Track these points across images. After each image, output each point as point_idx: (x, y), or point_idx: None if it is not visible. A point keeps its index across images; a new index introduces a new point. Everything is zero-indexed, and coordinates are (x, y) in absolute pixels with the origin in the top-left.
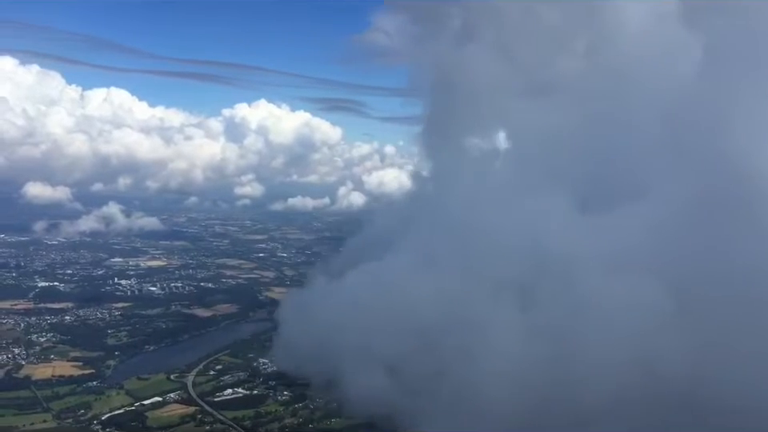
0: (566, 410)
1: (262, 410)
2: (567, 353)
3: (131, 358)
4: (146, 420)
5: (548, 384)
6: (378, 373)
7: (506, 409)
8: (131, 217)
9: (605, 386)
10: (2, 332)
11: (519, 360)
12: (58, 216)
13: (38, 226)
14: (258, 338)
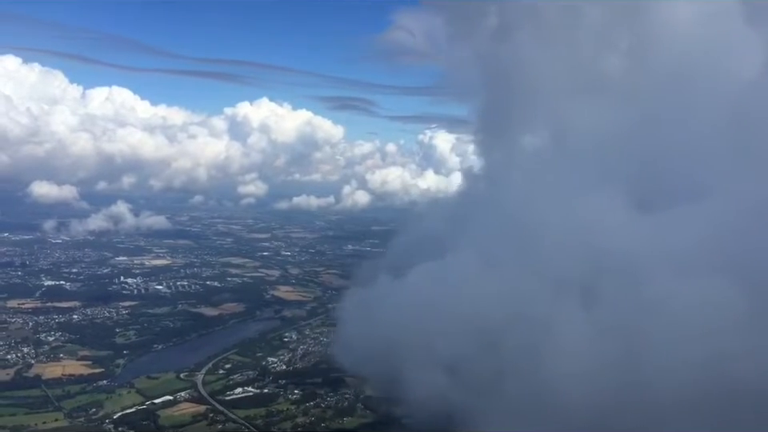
0: (636, 411)
1: (274, 409)
2: (636, 352)
3: (140, 356)
4: (157, 419)
5: (617, 384)
6: (440, 372)
7: (572, 409)
8: (140, 216)
9: (676, 386)
10: (11, 331)
11: (586, 360)
12: (64, 215)
13: (47, 225)
14: (266, 336)
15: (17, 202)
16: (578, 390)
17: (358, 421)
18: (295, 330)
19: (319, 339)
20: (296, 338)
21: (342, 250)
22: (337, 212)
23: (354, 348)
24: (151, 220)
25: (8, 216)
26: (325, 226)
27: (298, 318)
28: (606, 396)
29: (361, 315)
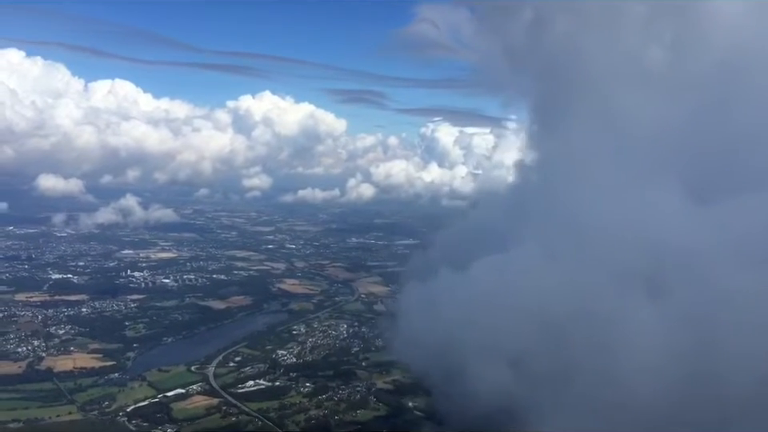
0: (708, 405)
1: (286, 402)
2: (707, 345)
3: (150, 349)
4: (171, 412)
5: (688, 378)
6: (503, 367)
7: (641, 405)
8: (148, 209)
9: (749, 379)
10: (21, 324)
11: (655, 353)
12: (70, 208)
13: (56, 218)
14: (275, 329)
15: (22, 195)
16: (648, 385)
17: (371, 413)
18: (303, 323)
19: (328, 332)
20: (305, 331)
21: (346, 243)
22: (340, 205)
23: (414, 342)
24: (159, 213)
25: (13, 209)
26: (328, 218)
27: (305, 311)
28: (677, 390)
29: (421, 309)
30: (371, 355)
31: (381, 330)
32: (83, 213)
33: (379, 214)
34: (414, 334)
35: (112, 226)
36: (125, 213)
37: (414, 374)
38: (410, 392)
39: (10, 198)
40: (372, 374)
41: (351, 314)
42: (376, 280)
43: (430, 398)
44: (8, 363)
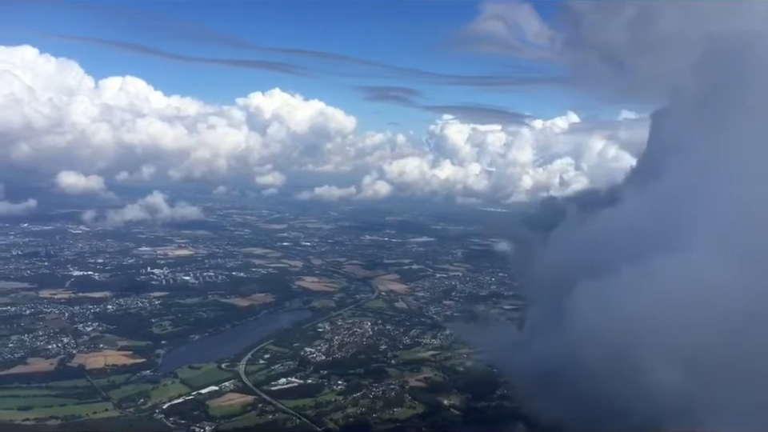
0: None
1: (321, 399)
2: None
3: (178, 347)
4: (207, 409)
5: None
6: (676, 367)
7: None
8: (175, 206)
9: None
10: (48, 321)
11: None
12: (92, 206)
13: (86, 215)
14: (300, 327)
15: (40, 192)
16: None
17: (408, 412)
18: (327, 321)
19: (353, 330)
20: (330, 329)
21: (360, 241)
22: (352, 202)
23: (586, 341)
24: (186, 211)
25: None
26: (339, 216)
27: (327, 309)
28: None
29: (594, 310)
30: (400, 353)
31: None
32: (105, 210)
33: (390, 211)
34: (584, 333)
35: (137, 223)
36: (152, 210)
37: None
38: (444, 390)
39: (29, 195)
40: (403, 371)
41: (374, 311)
42: (394, 278)
43: (465, 396)
44: (40, 360)
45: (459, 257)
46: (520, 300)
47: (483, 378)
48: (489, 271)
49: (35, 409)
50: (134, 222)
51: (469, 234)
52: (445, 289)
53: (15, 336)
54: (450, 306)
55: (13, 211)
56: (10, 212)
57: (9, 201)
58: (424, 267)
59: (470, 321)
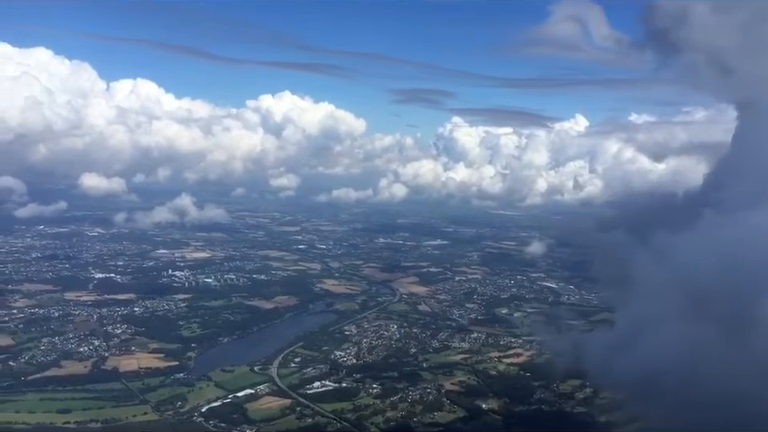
0: None
1: (359, 403)
2: None
3: (208, 349)
4: (246, 412)
5: None
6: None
7: None
8: (203, 209)
9: None
10: (77, 324)
11: None
12: (112, 208)
13: (118, 217)
14: (326, 330)
15: (60, 194)
16: None
17: (448, 416)
18: (353, 324)
19: (380, 333)
20: (356, 332)
21: (375, 243)
22: (365, 205)
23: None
24: (213, 213)
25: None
26: (351, 218)
27: (351, 312)
28: None
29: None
30: (430, 356)
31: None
32: (134, 212)
33: (400, 214)
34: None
35: (166, 226)
36: (180, 212)
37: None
38: (481, 394)
39: (49, 197)
40: (437, 375)
41: (398, 314)
42: (414, 280)
43: (502, 400)
44: (73, 363)
45: (476, 260)
46: (542, 303)
47: (517, 382)
48: (507, 274)
49: (74, 412)
50: (163, 224)
51: (482, 237)
52: (466, 291)
53: (46, 338)
54: (473, 308)
55: (43, 213)
56: (40, 214)
57: (32, 203)
58: (442, 270)
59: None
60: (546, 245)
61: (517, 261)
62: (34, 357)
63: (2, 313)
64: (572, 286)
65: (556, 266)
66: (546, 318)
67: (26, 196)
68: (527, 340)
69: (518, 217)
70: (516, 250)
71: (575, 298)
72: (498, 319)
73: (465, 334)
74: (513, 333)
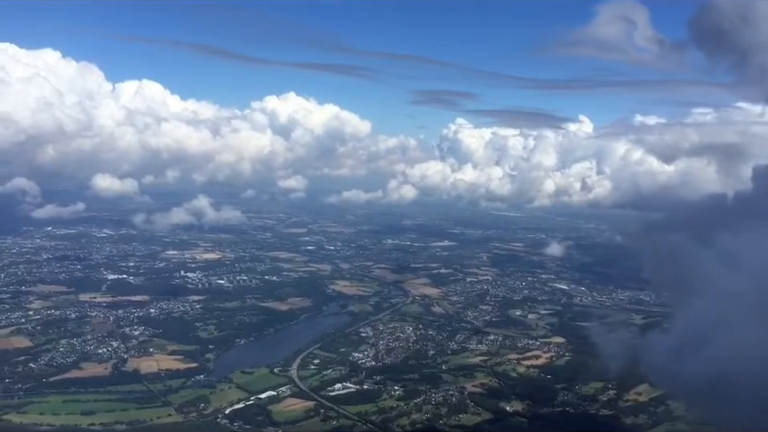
0: None
1: (383, 405)
2: None
3: (226, 351)
4: (270, 414)
5: None
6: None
7: None
8: (220, 211)
9: None
10: (94, 325)
11: None
12: (129, 209)
13: (137, 218)
14: (342, 331)
15: (72, 196)
16: None
17: (474, 418)
18: (368, 326)
19: (396, 334)
20: (372, 334)
21: (383, 245)
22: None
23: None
24: (229, 215)
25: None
26: (356, 220)
27: (365, 313)
28: None
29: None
30: (449, 358)
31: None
32: (143, 213)
33: (405, 215)
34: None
35: (184, 228)
36: (198, 214)
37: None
38: (504, 396)
39: (60, 198)
40: (457, 377)
41: (412, 316)
42: (425, 282)
43: (525, 403)
44: (93, 365)
45: (485, 261)
46: (555, 305)
47: (539, 384)
48: (518, 275)
49: (98, 413)
50: (182, 225)
51: (489, 239)
52: (478, 293)
53: (64, 340)
54: (487, 310)
55: (60, 215)
56: (57, 216)
57: (49, 204)
58: (453, 271)
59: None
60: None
61: (526, 262)
62: (53, 358)
63: (19, 314)
64: (583, 287)
65: (565, 268)
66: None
67: (40, 197)
68: (545, 342)
69: (522, 218)
70: (524, 251)
71: (588, 299)
72: (513, 321)
73: (481, 336)
74: (529, 335)
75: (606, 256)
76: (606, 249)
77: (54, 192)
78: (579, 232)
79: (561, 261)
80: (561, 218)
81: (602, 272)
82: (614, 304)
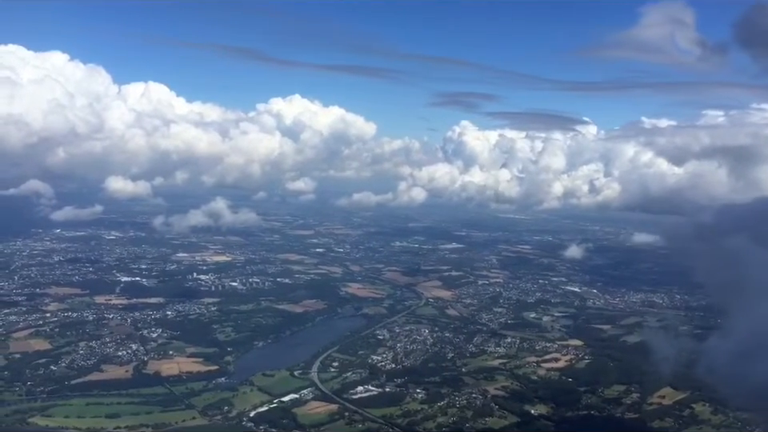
0: None
1: (408, 408)
2: None
3: (245, 353)
4: (295, 417)
5: None
6: None
7: None
8: (238, 213)
9: None
10: (112, 327)
11: None
12: (143, 212)
13: (156, 221)
14: (359, 334)
15: (84, 198)
16: None
17: (500, 422)
18: (384, 328)
19: (412, 337)
20: (389, 336)
21: (392, 247)
22: (371, 209)
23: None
24: (246, 217)
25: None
26: (362, 222)
27: (380, 316)
28: None
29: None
30: (468, 361)
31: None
32: (157, 216)
33: (411, 218)
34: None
35: (203, 229)
36: (215, 216)
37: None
38: (527, 399)
39: (72, 200)
40: (478, 380)
41: (427, 318)
42: (437, 284)
43: (550, 406)
44: (114, 367)
45: (495, 263)
46: (569, 308)
47: (562, 387)
48: (528, 278)
49: (123, 417)
50: (198, 227)
51: (496, 241)
52: (491, 296)
53: (83, 342)
54: (501, 313)
55: (78, 217)
56: (75, 218)
57: (67, 206)
58: (463, 274)
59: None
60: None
61: (535, 265)
62: (73, 361)
63: (36, 316)
64: (594, 290)
65: (575, 270)
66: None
67: (54, 199)
68: (562, 345)
69: (527, 221)
70: (532, 253)
71: (600, 302)
72: (528, 324)
73: (499, 339)
74: (545, 337)
75: (615, 258)
76: (616, 251)
77: (66, 194)
78: (585, 234)
79: (570, 263)
80: (566, 220)
81: (612, 274)
82: (627, 307)
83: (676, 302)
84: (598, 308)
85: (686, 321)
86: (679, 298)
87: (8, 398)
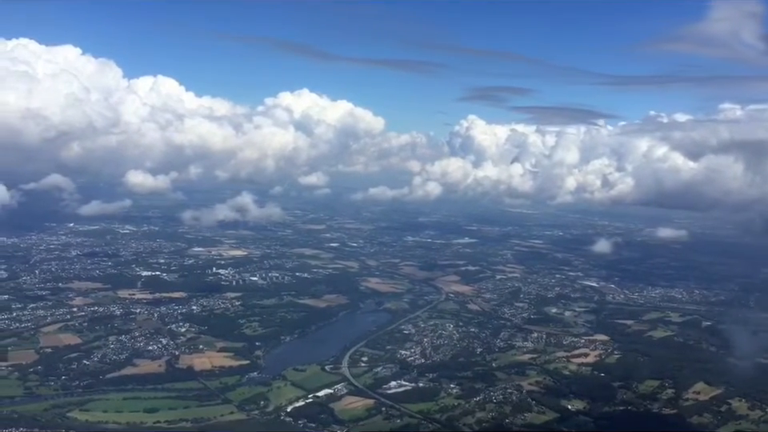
0: None
1: (444, 404)
2: None
3: (273, 348)
4: (333, 412)
5: None
6: None
7: None
8: (264, 207)
9: None
10: (140, 322)
11: None
12: (162, 206)
13: (185, 215)
14: (384, 329)
15: (103, 192)
16: None
17: (540, 417)
18: (408, 323)
19: (438, 332)
20: (415, 331)
21: (405, 242)
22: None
23: None
24: (270, 211)
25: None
26: (373, 217)
27: (403, 311)
28: None
29: None
30: (497, 356)
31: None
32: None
33: (420, 212)
34: None
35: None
36: (242, 210)
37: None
38: (562, 395)
39: (91, 195)
40: (510, 375)
41: (450, 313)
42: (455, 279)
43: (586, 401)
44: (147, 362)
45: (510, 258)
46: (589, 302)
47: (595, 382)
48: (545, 273)
49: (161, 411)
50: (226, 222)
51: (508, 236)
52: (510, 290)
53: (113, 337)
54: (523, 308)
55: (105, 211)
56: (102, 212)
57: (94, 201)
58: (480, 268)
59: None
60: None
61: (550, 259)
62: (105, 355)
63: (64, 311)
64: (612, 285)
65: (591, 265)
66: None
67: (76, 194)
68: (589, 340)
69: (536, 215)
70: (545, 248)
71: (620, 297)
72: (551, 318)
73: (525, 334)
74: (570, 332)
75: (631, 253)
76: (631, 247)
77: (85, 188)
78: (596, 229)
79: (585, 258)
80: (575, 215)
81: (628, 269)
82: (647, 302)
83: (695, 297)
84: (618, 303)
85: (708, 316)
86: (698, 293)
87: (44, 392)
